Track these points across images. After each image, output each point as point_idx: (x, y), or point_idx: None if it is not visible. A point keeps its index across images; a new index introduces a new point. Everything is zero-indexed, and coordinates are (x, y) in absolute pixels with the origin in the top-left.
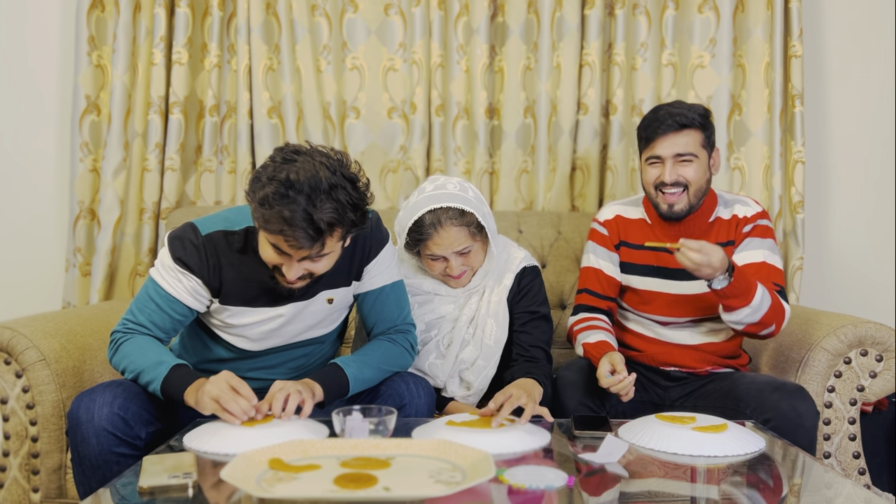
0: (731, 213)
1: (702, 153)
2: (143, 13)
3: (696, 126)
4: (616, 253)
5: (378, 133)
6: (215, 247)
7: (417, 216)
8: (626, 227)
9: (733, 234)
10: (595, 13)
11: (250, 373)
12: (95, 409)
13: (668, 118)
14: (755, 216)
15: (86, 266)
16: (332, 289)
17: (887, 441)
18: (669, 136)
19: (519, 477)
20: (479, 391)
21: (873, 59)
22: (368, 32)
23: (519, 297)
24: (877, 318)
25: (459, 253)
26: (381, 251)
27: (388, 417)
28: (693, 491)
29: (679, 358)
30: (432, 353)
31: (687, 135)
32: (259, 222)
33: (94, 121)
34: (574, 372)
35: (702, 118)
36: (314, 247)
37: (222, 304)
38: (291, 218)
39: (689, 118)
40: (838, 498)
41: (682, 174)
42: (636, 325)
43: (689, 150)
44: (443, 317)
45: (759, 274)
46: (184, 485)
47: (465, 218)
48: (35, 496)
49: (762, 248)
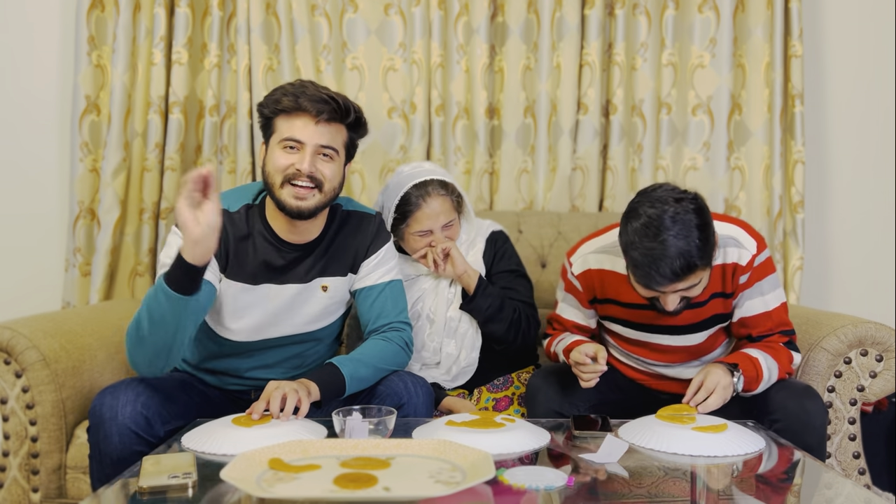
0: (724, 258)
1: (706, 274)
2: (142, 13)
3: (700, 267)
4: (590, 309)
5: (378, 133)
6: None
7: (404, 191)
8: (604, 284)
9: (729, 284)
10: (595, 13)
11: (248, 372)
12: (119, 406)
13: (667, 273)
14: (750, 262)
15: (86, 266)
16: (328, 276)
17: (887, 441)
18: (671, 286)
19: (519, 477)
20: (471, 347)
21: (873, 59)
22: (368, 32)
23: (497, 258)
24: (877, 318)
25: (444, 226)
26: (380, 248)
27: (387, 417)
28: (693, 491)
29: (674, 387)
30: (426, 326)
31: (691, 277)
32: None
33: (94, 121)
34: (541, 378)
35: (701, 258)
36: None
37: (228, 279)
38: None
39: (689, 265)
40: (838, 498)
41: (686, 296)
42: (626, 360)
43: (692, 284)
44: (426, 289)
45: (768, 324)
46: (184, 485)
47: (448, 189)
48: (35, 496)
49: (759, 294)
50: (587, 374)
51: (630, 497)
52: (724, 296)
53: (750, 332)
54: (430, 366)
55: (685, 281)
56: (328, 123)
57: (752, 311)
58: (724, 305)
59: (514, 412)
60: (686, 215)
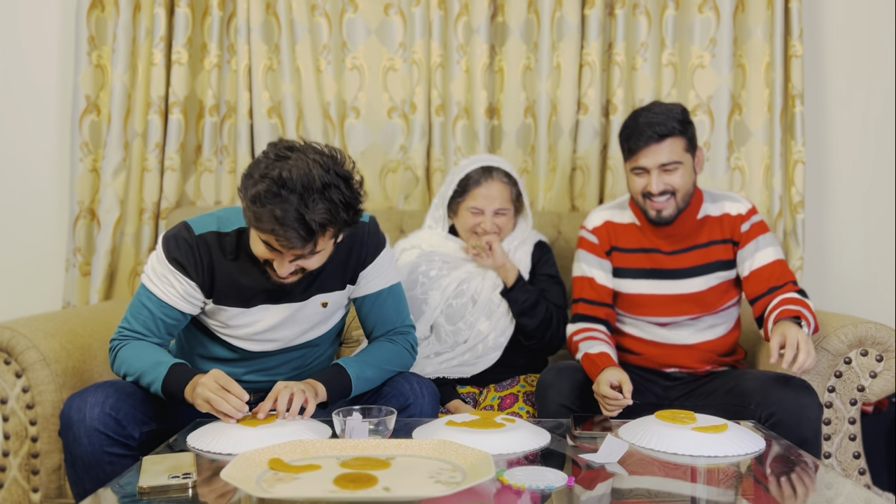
0: (720, 209)
1: (686, 157)
2: (142, 13)
3: (677, 133)
4: (607, 260)
5: (378, 133)
6: (208, 247)
7: (471, 169)
8: (615, 233)
9: (728, 232)
10: (595, 13)
11: (249, 375)
12: (87, 409)
13: (648, 129)
14: (749, 213)
15: (86, 266)
16: (326, 292)
17: (887, 441)
18: (652, 147)
19: (519, 477)
20: (501, 332)
21: (873, 59)
22: (368, 32)
23: (542, 263)
24: (877, 318)
25: (497, 212)
26: (377, 256)
27: (387, 418)
28: (693, 491)
29: (678, 358)
30: (469, 305)
31: (669, 143)
32: (251, 220)
33: (94, 121)
34: (553, 374)
35: (681, 124)
36: (306, 247)
37: (217, 305)
38: (283, 218)
39: (668, 127)
40: (838, 498)
41: (669, 182)
42: (632, 329)
43: (672, 159)
44: (473, 272)
45: (776, 273)
46: (184, 485)
47: (511, 181)
48: (35, 496)
49: (769, 245)
50: (612, 406)
51: (630, 497)
52: (723, 242)
53: (768, 283)
54: (450, 348)
55: (665, 144)
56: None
57: (767, 259)
58: (724, 251)
59: (520, 409)
60: (670, 105)
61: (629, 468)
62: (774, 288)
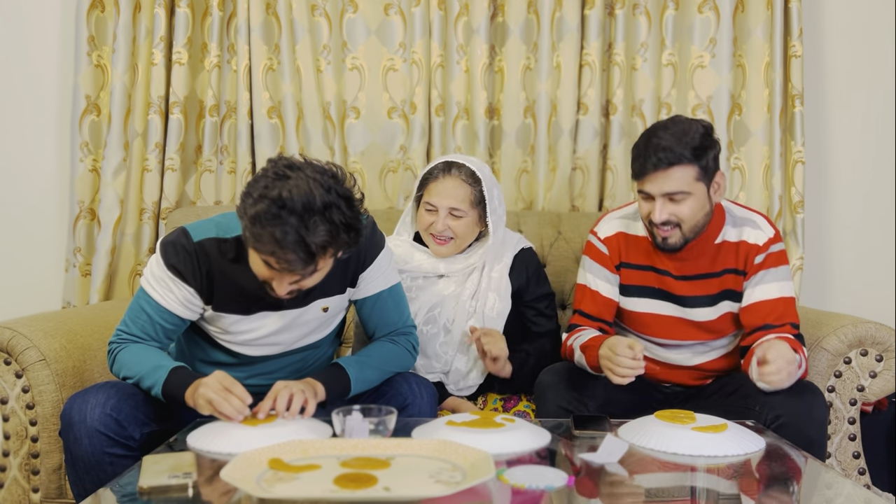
0: (739, 235)
1: (697, 187)
2: (143, 13)
3: (686, 161)
4: (616, 274)
5: (378, 133)
6: (207, 254)
7: (435, 163)
8: (627, 246)
9: (742, 262)
10: (595, 13)
11: (249, 379)
12: (88, 409)
13: (654, 154)
14: (767, 243)
15: (86, 266)
16: (326, 297)
17: (887, 441)
18: (658, 175)
19: (519, 477)
20: (481, 371)
21: (873, 59)
22: (368, 32)
23: (531, 282)
24: (877, 318)
25: (451, 213)
26: (376, 258)
27: (387, 417)
28: (693, 491)
29: (677, 377)
30: (440, 335)
31: (677, 172)
32: (250, 240)
33: (94, 121)
34: (552, 375)
35: (694, 151)
36: (306, 269)
37: (216, 312)
38: (283, 240)
39: (677, 154)
40: (838, 498)
41: (674, 212)
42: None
43: (679, 189)
44: (445, 296)
45: (777, 311)
46: (184, 485)
47: (473, 181)
48: (35, 496)
49: (776, 280)
50: (624, 368)
51: (630, 497)
52: (736, 272)
53: (765, 319)
54: (437, 373)
55: (673, 172)
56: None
57: (770, 295)
58: (735, 282)
59: (525, 406)
60: (691, 124)
61: (629, 468)
62: (770, 326)
